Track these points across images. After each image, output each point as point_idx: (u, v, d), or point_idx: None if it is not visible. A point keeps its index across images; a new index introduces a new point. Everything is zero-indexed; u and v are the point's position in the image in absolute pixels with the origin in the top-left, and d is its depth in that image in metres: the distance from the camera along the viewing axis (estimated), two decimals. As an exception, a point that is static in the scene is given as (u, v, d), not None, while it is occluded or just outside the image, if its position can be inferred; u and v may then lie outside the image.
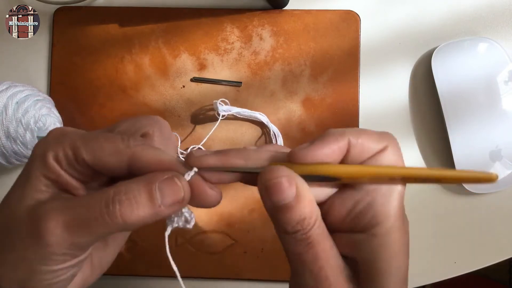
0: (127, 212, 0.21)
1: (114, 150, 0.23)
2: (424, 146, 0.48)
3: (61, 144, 0.23)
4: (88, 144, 0.23)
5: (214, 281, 0.47)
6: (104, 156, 0.22)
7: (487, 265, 0.47)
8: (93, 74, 0.49)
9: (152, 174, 0.22)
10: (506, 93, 0.46)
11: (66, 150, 0.23)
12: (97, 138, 0.23)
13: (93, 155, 0.22)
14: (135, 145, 0.23)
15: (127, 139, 0.23)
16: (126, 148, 0.23)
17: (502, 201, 0.48)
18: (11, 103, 0.42)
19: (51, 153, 0.23)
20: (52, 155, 0.23)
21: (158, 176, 0.22)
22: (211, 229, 0.47)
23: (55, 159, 0.23)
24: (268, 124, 0.47)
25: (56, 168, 0.23)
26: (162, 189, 0.22)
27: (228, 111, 0.46)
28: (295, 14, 0.49)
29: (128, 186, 0.22)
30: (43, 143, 0.23)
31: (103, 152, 0.22)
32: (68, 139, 0.23)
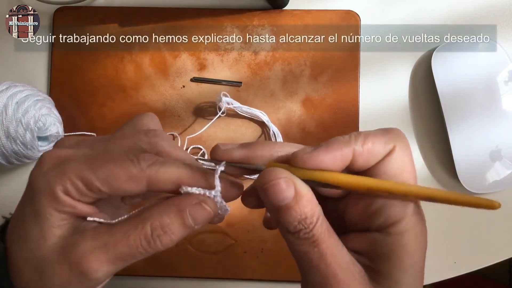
0: (167, 241, 0.22)
1: (129, 177, 0.22)
2: (424, 146, 0.48)
3: (65, 175, 0.22)
4: (99, 174, 0.22)
5: (214, 281, 0.47)
6: (120, 184, 0.22)
7: (487, 265, 0.47)
8: (93, 74, 0.49)
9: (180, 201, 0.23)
10: (506, 93, 0.46)
11: (74, 182, 0.22)
12: (105, 164, 0.22)
13: (108, 185, 0.22)
14: (148, 167, 0.22)
15: (136, 161, 0.22)
16: (140, 172, 0.22)
17: (502, 201, 0.47)
18: (11, 103, 0.42)
19: (59, 187, 0.22)
20: (61, 189, 0.22)
21: (187, 203, 0.23)
22: (211, 229, 0.47)
23: (65, 193, 0.22)
24: (268, 124, 0.47)
25: (69, 201, 0.22)
26: (193, 214, 0.23)
27: (231, 103, 0.46)
28: (295, 14, 0.49)
29: (162, 219, 0.22)
30: (44, 175, 0.22)
31: (119, 180, 0.22)
32: (72, 169, 0.22)
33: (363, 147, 0.23)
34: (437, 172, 0.48)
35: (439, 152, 0.48)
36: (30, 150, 0.43)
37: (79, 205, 0.23)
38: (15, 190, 0.50)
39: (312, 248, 0.22)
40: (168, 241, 0.22)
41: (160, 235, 0.22)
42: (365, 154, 0.23)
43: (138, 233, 0.22)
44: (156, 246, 0.22)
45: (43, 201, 0.22)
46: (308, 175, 0.23)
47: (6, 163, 0.44)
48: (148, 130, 0.25)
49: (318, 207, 0.23)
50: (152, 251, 0.22)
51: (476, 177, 0.46)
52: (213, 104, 0.48)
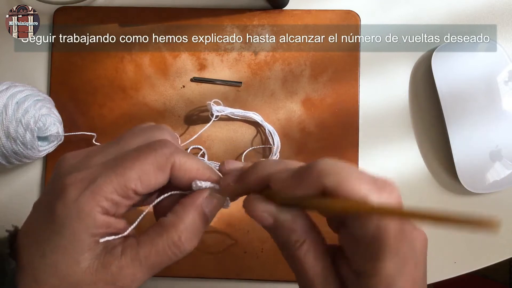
0: (195, 241, 0.24)
1: (157, 167, 0.23)
2: (424, 146, 0.48)
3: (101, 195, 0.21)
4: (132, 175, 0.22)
5: (214, 281, 0.47)
6: (151, 178, 0.23)
7: (487, 265, 0.47)
8: (93, 74, 0.49)
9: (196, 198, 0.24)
10: (506, 93, 0.46)
11: (111, 197, 0.22)
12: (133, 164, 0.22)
13: (142, 182, 0.22)
14: (171, 154, 0.23)
15: (159, 148, 0.23)
16: (166, 160, 0.23)
17: (502, 201, 0.48)
18: (11, 103, 0.42)
19: (97, 209, 0.21)
20: (100, 211, 0.22)
21: (200, 198, 0.24)
22: (211, 229, 0.47)
23: (105, 212, 0.22)
24: (263, 123, 0.47)
25: (107, 221, 0.22)
26: (209, 207, 0.24)
27: (221, 111, 0.46)
28: (295, 14, 0.49)
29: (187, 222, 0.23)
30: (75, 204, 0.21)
31: (149, 174, 0.22)
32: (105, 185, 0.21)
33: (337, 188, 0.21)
34: (437, 172, 0.48)
35: (439, 152, 0.48)
36: (30, 150, 0.43)
37: (113, 221, 0.23)
38: (15, 190, 0.50)
39: (295, 265, 0.24)
40: (196, 241, 0.24)
41: (187, 239, 0.23)
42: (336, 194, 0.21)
43: (166, 241, 0.23)
44: (185, 249, 0.24)
45: (79, 228, 0.21)
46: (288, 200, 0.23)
47: (6, 163, 0.44)
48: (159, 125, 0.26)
49: (304, 234, 0.24)
50: (182, 255, 0.24)
51: (476, 177, 0.46)
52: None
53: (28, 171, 0.49)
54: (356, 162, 0.47)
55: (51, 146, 0.46)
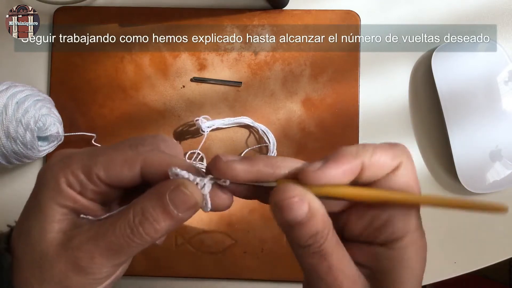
0: (151, 230, 0.22)
1: (125, 159, 0.23)
2: (424, 146, 0.48)
3: (69, 168, 0.22)
4: (98, 160, 0.22)
5: (214, 281, 0.47)
6: (116, 168, 0.22)
7: (487, 265, 0.47)
8: (93, 74, 0.49)
9: (160, 186, 0.22)
10: (506, 93, 0.46)
11: (76, 173, 0.22)
12: (105, 152, 0.23)
13: (106, 169, 0.22)
14: (144, 151, 0.23)
15: (135, 146, 0.23)
16: (137, 155, 0.23)
17: (502, 201, 0.47)
18: (11, 103, 0.42)
19: (62, 179, 0.22)
20: (64, 181, 0.22)
21: (167, 187, 0.22)
22: (211, 229, 0.47)
23: (68, 185, 0.22)
24: (254, 124, 0.47)
25: (72, 194, 0.23)
26: (173, 199, 0.22)
27: (211, 126, 0.46)
28: (295, 14, 0.49)
29: (143, 204, 0.22)
30: (49, 169, 0.23)
31: (115, 164, 0.22)
32: (75, 161, 0.22)
33: (371, 160, 0.23)
34: (437, 172, 0.48)
35: (439, 152, 0.48)
36: (30, 150, 0.43)
37: (81, 200, 0.23)
38: (15, 190, 0.50)
39: (321, 261, 0.23)
40: (151, 230, 0.22)
41: (142, 222, 0.22)
42: (372, 167, 0.23)
43: (122, 220, 0.22)
44: (139, 234, 0.22)
45: (47, 194, 0.22)
46: (321, 191, 0.23)
47: (6, 163, 0.44)
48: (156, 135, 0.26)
49: (329, 221, 0.23)
50: (139, 242, 0.22)
51: (476, 177, 0.46)
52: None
53: (28, 171, 0.49)
54: (356, 162, 0.47)
55: (51, 146, 0.46)
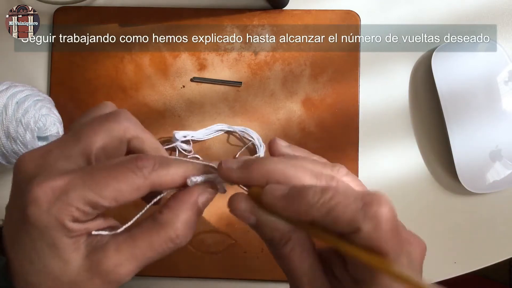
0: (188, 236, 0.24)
1: (133, 188, 0.22)
2: (424, 146, 0.48)
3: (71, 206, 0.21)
4: (104, 194, 0.22)
5: (214, 281, 0.47)
6: (125, 197, 0.22)
7: (487, 265, 0.47)
8: (93, 74, 0.49)
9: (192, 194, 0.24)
10: (506, 93, 0.46)
11: (81, 209, 0.22)
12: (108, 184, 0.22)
13: (114, 200, 0.22)
14: (150, 173, 0.23)
15: (138, 170, 0.22)
16: (144, 181, 0.22)
17: (502, 201, 0.48)
18: (11, 103, 0.42)
19: (67, 218, 0.21)
20: (70, 219, 0.22)
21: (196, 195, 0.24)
22: (211, 229, 0.47)
23: (74, 221, 0.22)
24: (230, 128, 0.47)
25: (80, 227, 0.22)
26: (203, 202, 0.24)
27: (190, 141, 0.47)
28: (295, 14, 0.49)
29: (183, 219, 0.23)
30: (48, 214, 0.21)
31: (124, 194, 0.22)
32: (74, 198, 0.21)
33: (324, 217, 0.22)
34: (437, 172, 0.48)
35: (439, 152, 0.48)
36: (30, 150, 0.43)
37: (89, 225, 0.23)
38: (15, 190, 0.50)
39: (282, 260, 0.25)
40: (191, 235, 0.24)
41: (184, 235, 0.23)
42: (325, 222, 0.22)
43: (163, 238, 0.23)
44: (181, 243, 0.24)
45: (55, 234, 0.22)
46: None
47: (6, 163, 0.44)
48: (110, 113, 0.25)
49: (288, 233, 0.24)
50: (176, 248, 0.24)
51: (476, 177, 0.46)
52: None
53: (28, 171, 0.49)
54: (356, 162, 0.47)
55: (51, 146, 0.46)
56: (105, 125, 0.24)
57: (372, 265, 0.20)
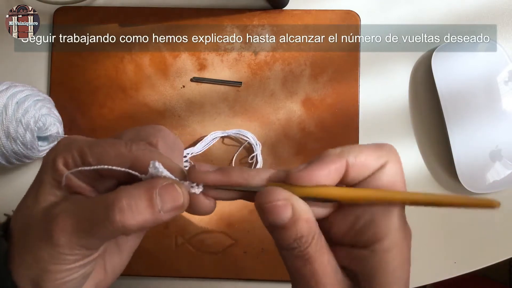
0: (128, 218, 0.21)
1: (116, 154, 0.23)
2: (424, 146, 0.48)
3: (69, 151, 0.24)
4: (94, 149, 0.23)
5: (214, 281, 0.47)
6: (107, 160, 0.23)
7: (487, 265, 0.47)
8: (93, 74, 0.49)
9: (153, 180, 0.23)
10: (506, 93, 0.46)
11: (74, 156, 0.24)
12: (102, 144, 0.24)
13: (97, 159, 0.23)
14: (137, 149, 0.23)
15: (130, 144, 0.24)
16: (128, 152, 0.23)
17: (502, 201, 0.47)
18: (11, 103, 0.42)
19: (60, 159, 0.24)
20: (61, 161, 0.24)
21: (159, 182, 0.22)
22: (211, 229, 0.47)
23: (64, 164, 0.24)
24: (224, 133, 0.48)
25: (65, 172, 0.24)
26: (163, 195, 0.22)
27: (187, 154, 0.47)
28: (295, 14, 0.49)
29: (129, 192, 0.22)
30: (53, 150, 0.24)
31: (107, 156, 0.23)
32: (76, 146, 0.24)
33: (356, 159, 0.23)
34: (437, 172, 0.48)
35: (439, 152, 0.48)
36: (30, 150, 0.43)
37: (75, 179, 0.24)
38: (15, 190, 0.50)
39: (304, 265, 0.23)
40: (128, 218, 0.21)
41: (122, 207, 0.21)
42: (357, 166, 0.23)
43: (103, 200, 0.22)
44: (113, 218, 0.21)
45: (45, 169, 0.24)
46: (307, 192, 0.23)
47: (6, 163, 0.44)
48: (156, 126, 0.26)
49: (315, 226, 0.23)
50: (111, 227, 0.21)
51: (476, 177, 0.46)
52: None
53: (28, 171, 0.49)
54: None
55: (51, 146, 0.46)
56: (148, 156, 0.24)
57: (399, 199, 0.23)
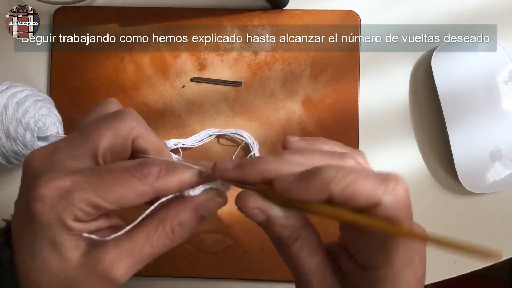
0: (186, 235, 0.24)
1: (137, 195, 0.22)
2: (424, 146, 0.48)
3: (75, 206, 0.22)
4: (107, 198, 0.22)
5: (214, 281, 0.47)
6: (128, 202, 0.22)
7: (487, 265, 0.47)
8: (93, 74, 0.49)
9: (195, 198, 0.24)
10: (506, 93, 0.46)
11: (83, 209, 0.22)
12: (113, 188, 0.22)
13: (117, 204, 0.22)
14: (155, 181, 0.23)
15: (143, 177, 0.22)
16: (150, 188, 0.22)
17: (502, 201, 0.48)
18: (11, 103, 0.42)
19: (70, 217, 0.22)
20: (72, 219, 0.22)
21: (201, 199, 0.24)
22: (211, 229, 0.47)
23: (76, 220, 0.22)
24: (221, 132, 0.48)
25: (81, 227, 0.22)
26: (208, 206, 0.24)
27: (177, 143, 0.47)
28: (295, 14, 0.49)
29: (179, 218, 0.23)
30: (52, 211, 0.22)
31: (128, 199, 0.22)
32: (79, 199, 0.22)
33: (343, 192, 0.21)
34: (437, 172, 0.48)
35: (439, 152, 0.48)
36: (30, 150, 0.43)
37: (91, 225, 0.23)
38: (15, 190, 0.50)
39: (289, 259, 0.24)
40: (187, 234, 0.24)
41: (180, 232, 0.23)
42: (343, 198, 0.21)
43: (160, 234, 0.23)
44: (177, 241, 0.24)
45: (57, 232, 0.22)
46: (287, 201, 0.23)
47: (6, 163, 0.44)
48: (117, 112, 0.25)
49: (298, 230, 0.24)
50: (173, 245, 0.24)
51: (476, 177, 0.46)
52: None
53: (28, 171, 0.49)
54: (356, 162, 0.47)
55: (51, 146, 0.46)
56: (112, 124, 0.24)
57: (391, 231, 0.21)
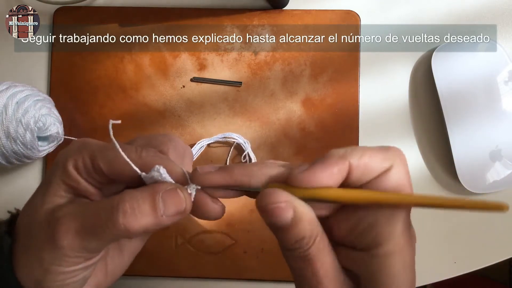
0: (130, 221, 0.22)
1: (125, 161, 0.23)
2: (424, 146, 0.48)
3: (80, 154, 0.24)
4: (104, 154, 0.24)
5: (214, 281, 0.47)
6: (117, 165, 0.23)
7: (487, 265, 0.47)
8: (93, 74, 0.49)
9: (156, 185, 0.23)
10: (506, 93, 0.46)
11: (85, 159, 0.24)
12: (113, 149, 0.23)
13: (108, 164, 0.24)
14: (146, 156, 0.24)
15: (140, 150, 0.24)
16: (138, 158, 0.24)
17: (502, 201, 0.48)
18: (11, 103, 0.42)
19: (71, 161, 0.24)
20: (72, 163, 0.24)
21: (162, 187, 0.23)
22: (211, 229, 0.47)
23: (75, 167, 0.24)
24: (211, 140, 0.48)
25: (75, 175, 0.24)
26: (166, 200, 0.23)
27: None
28: (295, 14, 0.49)
29: (133, 195, 0.23)
30: (65, 152, 0.25)
31: (117, 161, 0.23)
32: (87, 149, 0.24)
33: (359, 161, 0.23)
34: (437, 172, 0.48)
35: (439, 152, 0.48)
36: (30, 150, 0.43)
37: (83, 182, 0.24)
38: (15, 190, 0.50)
39: (306, 266, 0.23)
40: (131, 221, 0.22)
41: (125, 210, 0.22)
42: (361, 168, 0.23)
43: (106, 202, 0.23)
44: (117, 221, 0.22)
45: (55, 171, 0.24)
46: (309, 193, 0.23)
47: (6, 163, 0.44)
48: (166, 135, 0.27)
49: (318, 227, 0.23)
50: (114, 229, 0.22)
51: (476, 177, 0.46)
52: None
53: (28, 171, 0.49)
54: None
55: (51, 146, 0.46)
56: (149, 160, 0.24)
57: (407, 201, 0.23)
